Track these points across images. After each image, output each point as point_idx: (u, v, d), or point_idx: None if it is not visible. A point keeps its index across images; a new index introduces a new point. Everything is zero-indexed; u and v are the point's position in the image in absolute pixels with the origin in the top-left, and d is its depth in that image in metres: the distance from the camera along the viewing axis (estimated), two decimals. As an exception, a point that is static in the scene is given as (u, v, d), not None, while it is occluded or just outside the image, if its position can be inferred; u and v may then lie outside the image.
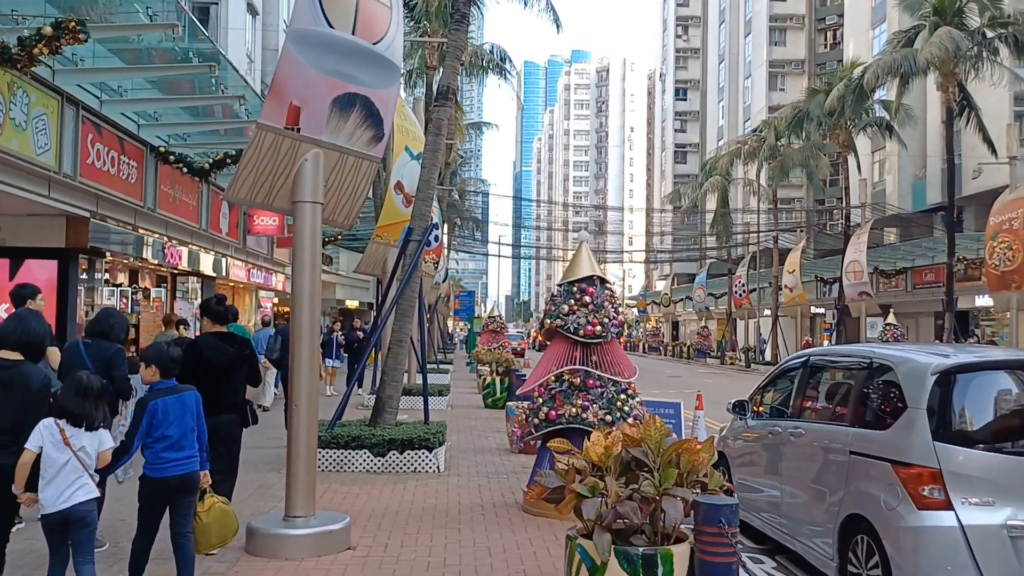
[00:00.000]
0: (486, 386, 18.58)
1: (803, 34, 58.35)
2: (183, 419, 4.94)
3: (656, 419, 4.28)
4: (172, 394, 4.97)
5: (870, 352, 5.98)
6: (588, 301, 7.75)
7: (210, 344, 6.31)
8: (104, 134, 12.16)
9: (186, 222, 16.16)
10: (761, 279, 45.15)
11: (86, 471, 4.52)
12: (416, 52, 32.17)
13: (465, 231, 55.03)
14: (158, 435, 4.83)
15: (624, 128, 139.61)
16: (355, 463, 9.71)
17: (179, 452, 4.90)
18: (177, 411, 4.93)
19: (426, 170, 10.91)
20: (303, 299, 6.38)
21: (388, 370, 10.62)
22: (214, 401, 6.09)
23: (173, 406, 4.92)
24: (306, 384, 6.32)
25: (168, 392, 4.98)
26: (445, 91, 10.92)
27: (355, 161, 6.64)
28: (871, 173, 40.66)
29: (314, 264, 6.42)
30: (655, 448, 4.14)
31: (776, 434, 6.87)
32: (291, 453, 6.25)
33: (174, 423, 4.89)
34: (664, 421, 8.57)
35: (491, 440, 12.83)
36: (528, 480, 8.01)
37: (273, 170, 6.26)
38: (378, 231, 14.33)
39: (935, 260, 33.58)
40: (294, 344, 6.34)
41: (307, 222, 6.39)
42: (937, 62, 24.20)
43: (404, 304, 10.72)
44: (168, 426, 4.86)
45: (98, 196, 12.43)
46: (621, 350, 8.02)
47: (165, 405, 4.89)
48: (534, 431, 7.76)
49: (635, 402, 7.79)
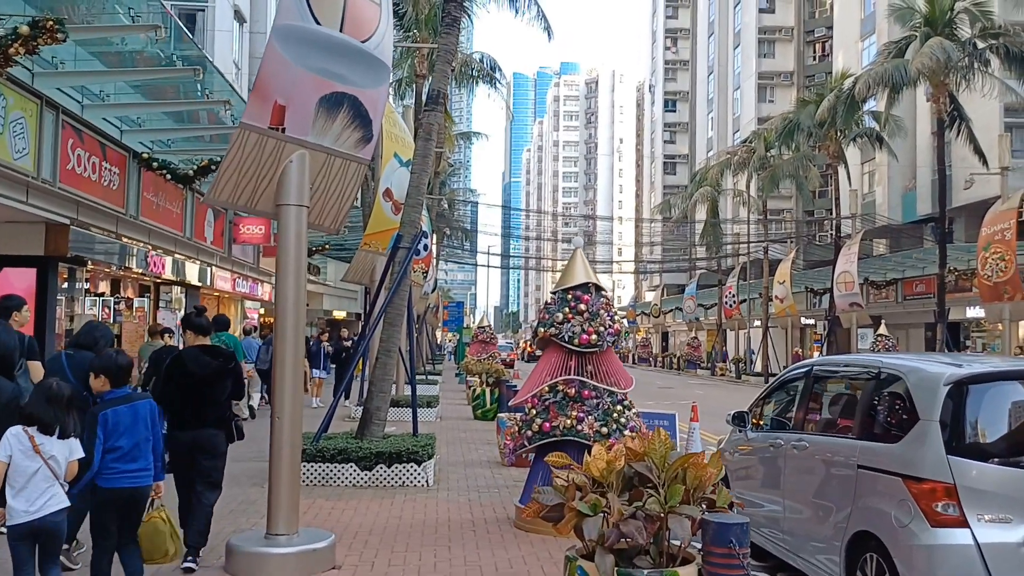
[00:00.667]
0: (476, 397, 18.30)
1: (792, 46, 58.52)
2: (135, 429, 4.77)
3: (661, 432, 4.03)
4: (124, 403, 4.80)
5: (877, 362, 5.76)
6: (583, 309, 7.51)
7: (193, 357, 6.15)
8: (85, 139, 11.89)
9: (170, 230, 15.87)
10: (751, 290, 45.06)
11: (57, 480, 4.39)
12: (406, 61, 31.97)
13: (454, 241, 54.80)
14: (109, 445, 4.66)
15: (613, 139, 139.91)
16: (341, 477, 9.42)
17: (131, 463, 4.73)
18: (129, 421, 4.76)
19: (416, 176, 10.67)
20: (287, 307, 6.11)
21: (376, 381, 10.34)
22: (197, 414, 6.03)
23: (125, 416, 4.75)
24: (290, 396, 6.05)
25: (120, 401, 4.80)
26: (435, 95, 10.69)
27: (342, 163, 6.39)
28: (861, 184, 40.67)
29: (299, 270, 6.16)
30: (660, 463, 3.89)
31: (778, 447, 6.63)
32: (273, 468, 5.97)
33: (125, 433, 4.72)
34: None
35: (481, 452, 12.55)
36: (522, 495, 7.75)
37: (257, 172, 6.00)
38: (366, 239, 14.06)
39: (925, 271, 33.53)
40: (277, 354, 6.08)
41: (292, 226, 6.13)
42: (928, 72, 24.17)
43: (392, 313, 10.45)
44: (119, 436, 4.70)
45: (79, 203, 12.13)
46: (617, 360, 7.78)
47: (116, 415, 4.72)
48: (527, 444, 7.50)
49: (631, 414, 7.54)
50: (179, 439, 6.00)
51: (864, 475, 5.40)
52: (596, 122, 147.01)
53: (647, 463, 3.94)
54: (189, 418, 6.00)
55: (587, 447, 7.23)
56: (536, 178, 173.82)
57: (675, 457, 3.93)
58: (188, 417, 6.00)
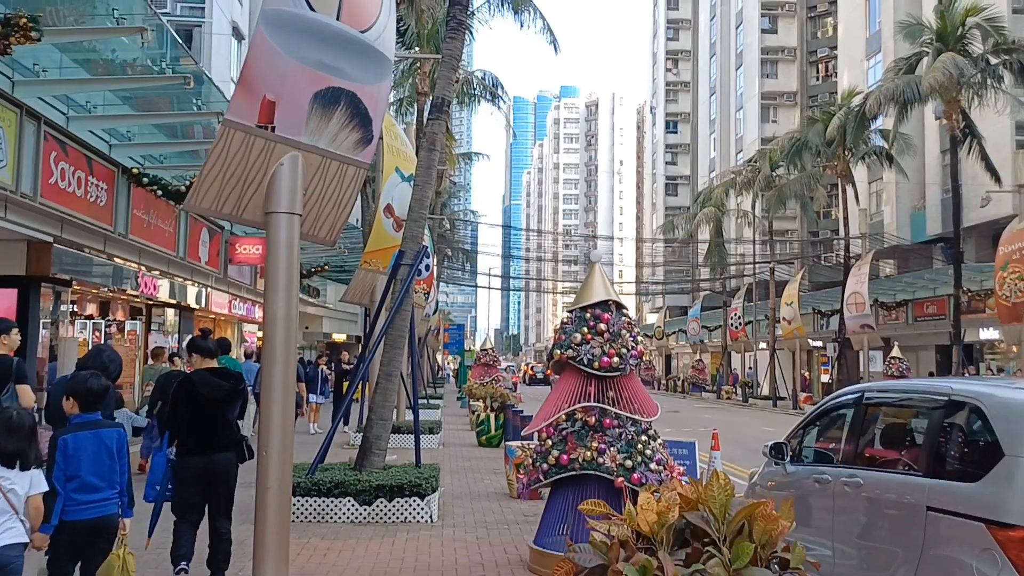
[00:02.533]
0: (480, 423, 17.57)
1: (795, 66, 58.22)
2: (96, 457, 4.55)
3: (720, 475, 3.34)
4: (88, 429, 4.59)
5: (946, 388, 5.07)
6: (603, 329, 6.84)
7: (204, 380, 6.09)
8: (70, 152, 11.27)
9: (162, 249, 15.22)
10: (757, 311, 44.38)
11: (15, 513, 4.11)
12: (407, 80, 31.56)
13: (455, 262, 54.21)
14: (69, 473, 4.47)
15: (613, 161, 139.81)
16: (338, 513, 8.70)
17: (91, 494, 4.51)
18: (90, 448, 4.54)
19: (419, 188, 10.03)
20: (277, 326, 5.43)
21: (376, 407, 9.65)
22: (210, 439, 5.99)
23: (86, 442, 4.54)
24: (278, 428, 5.35)
25: (84, 427, 4.60)
26: (440, 103, 10.07)
27: (339, 167, 5.73)
28: (869, 204, 40.11)
29: (290, 285, 5.49)
30: (720, 513, 3.21)
31: (824, 483, 5.93)
32: (259, 512, 5.25)
33: (84, 461, 4.51)
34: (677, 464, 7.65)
35: (488, 483, 11.82)
36: (536, 534, 7.03)
37: (243, 175, 5.34)
38: (366, 257, 13.41)
39: (937, 292, 32.87)
40: (265, 379, 5.38)
41: (282, 236, 5.46)
42: (941, 89, 23.65)
43: (394, 334, 9.77)
44: (78, 464, 4.49)
45: (63, 219, 11.50)
46: (640, 385, 7.09)
47: (76, 441, 4.52)
48: (543, 478, 6.79)
49: (658, 444, 6.84)
50: (192, 465, 5.93)
51: (935, 519, 4.71)
52: (596, 144, 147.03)
53: (703, 513, 3.25)
54: (203, 443, 5.95)
55: (609, 482, 6.58)
56: (536, 200, 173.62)
57: (738, 506, 3.25)
58: (202, 442, 5.95)
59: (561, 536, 6.87)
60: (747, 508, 3.21)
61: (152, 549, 6.49)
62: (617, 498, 6.69)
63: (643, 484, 6.50)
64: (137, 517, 5.49)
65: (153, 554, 6.51)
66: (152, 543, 6.15)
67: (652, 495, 3.32)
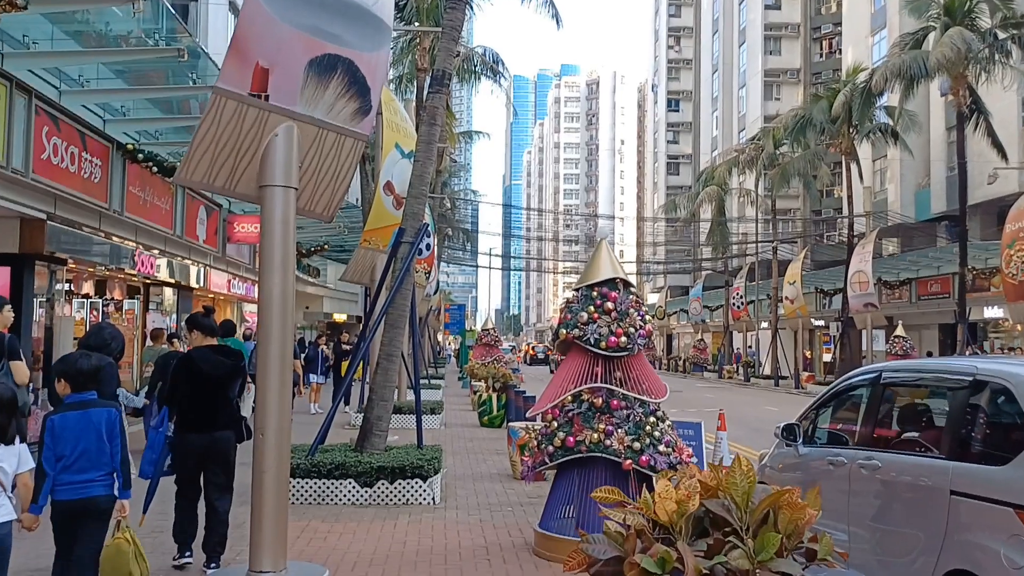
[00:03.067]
0: (482, 403, 17.41)
1: (798, 43, 57.61)
2: (84, 437, 4.48)
3: (742, 460, 3.15)
4: (77, 409, 4.53)
5: (971, 367, 4.87)
6: (611, 307, 6.63)
7: (205, 358, 6.07)
8: (62, 127, 10.99)
9: (158, 227, 14.96)
10: (759, 291, 44.17)
11: (3, 491, 4.07)
12: (407, 57, 31.15)
13: (455, 242, 53.93)
14: (58, 454, 4.43)
15: (614, 140, 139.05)
16: (339, 494, 8.54)
17: (78, 474, 4.44)
18: (77, 428, 4.48)
19: (419, 164, 9.78)
20: (273, 304, 5.23)
21: (376, 388, 9.46)
22: (211, 417, 5.98)
23: (73, 422, 4.48)
24: (275, 408, 5.16)
25: (73, 407, 4.54)
26: (440, 77, 9.80)
27: (336, 138, 5.51)
28: (873, 182, 39.77)
29: (286, 262, 5.28)
30: (742, 501, 3.01)
31: (839, 465, 5.74)
32: (256, 496, 5.08)
33: (71, 441, 4.44)
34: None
35: (491, 464, 11.66)
36: (542, 517, 6.86)
37: (236, 147, 5.12)
38: (366, 235, 13.17)
39: (941, 270, 32.65)
40: (261, 359, 5.19)
41: (278, 211, 5.25)
42: (948, 64, 23.29)
43: (395, 314, 9.56)
44: (64, 444, 4.44)
45: (56, 196, 11.24)
46: (648, 365, 6.89)
47: (63, 421, 4.47)
48: (548, 460, 6.61)
49: (666, 426, 6.65)
50: (191, 442, 5.92)
51: (960, 503, 4.52)
52: (597, 123, 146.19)
53: (723, 501, 3.06)
54: (203, 420, 5.93)
55: (617, 465, 6.39)
56: (537, 180, 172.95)
57: (761, 494, 3.05)
58: (202, 419, 5.93)
59: (567, 519, 6.71)
60: (772, 496, 3.01)
61: (149, 532, 6.33)
62: (625, 481, 6.52)
63: (652, 467, 6.33)
64: (136, 498, 5.43)
65: (150, 536, 6.35)
66: (148, 526, 6.08)
67: (670, 482, 3.12)
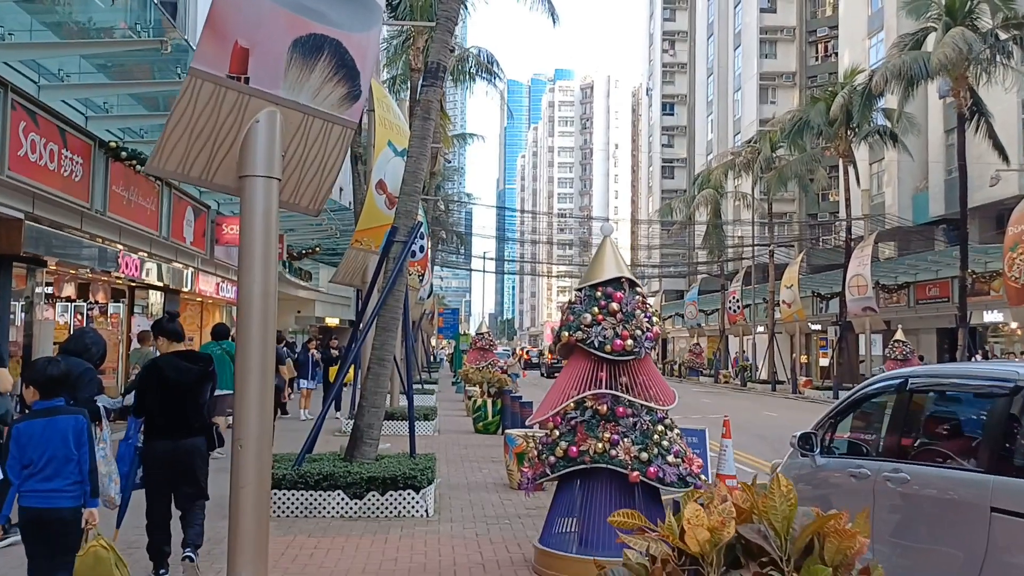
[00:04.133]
0: (476, 409, 17.00)
1: (794, 46, 57.40)
2: (49, 445, 4.38)
3: (781, 479, 2.76)
4: (44, 416, 4.44)
5: (1012, 373, 4.48)
6: (616, 308, 6.23)
7: (172, 364, 5.96)
8: (41, 123, 10.56)
9: (143, 228, 14.54)
10: (756, 295, 43.86)
11: None
12: (400, 58, 30.78)
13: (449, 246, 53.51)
14: (25, 461, 4.36)
15: (608, 145, 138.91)
16: (327, 507, 8.11)
17: (44, 482, 4.36)
18: (42, 435, 4.39)
19: (413, 160, 9.38)
20: (253, 304, 4.80)
21: (367, 394, 9.04)
22: (183, 424, 5.86)
23: (39, 430, 4.40)
24: (256, 417, 4.73)
25: (41, 414, 4.46)
26: (435, 69, 9.41)
27: (323, 126, 5.09)
28: (870, 185, 39.51)
29: (267, 258, 4.86)
30: (782, 528, 2.62)
31: (863, 478, 5.35)
32: (234, 513, 4.65)
33: (36, 448, 4.36)
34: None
35: (486, 473, 11.25)
36: (542, 533, 6.45)
37: (213, 134, 4.71)
38: (357, 235, 12.75)
39: (939, 274, 32.39)
40: (240, 365, 4.77)
41: (259, 204, 4.83)
42: (950, 65, 23.00)
43: (386, 316, 9.15)
44: (32, 451, 4.36)
45: (34, 194, 10.82)
46: (656, 370, 6.50)
47: (30, 428, 4.40)
48: (549, 471, 6.20)
49: (675, 435, 6.26)
50: (159, 449, 5.81)
51: (1002, 521, 4.14)
52: (591, 127, 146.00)
53: (759, 526, 2.66)
54: (172, 427, 5.82)
55: (622, 477, 6.00)
56: (531, 184, 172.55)
57: (804, 518, 2.66)
58: (170, 426, 5.83)
59: (569, 534, 6.31)
60: (817, 522, 2.62)
61: (125, 547, 5.96)
62: (630, 494, 6.13)
63: (660, 479, 5.94)
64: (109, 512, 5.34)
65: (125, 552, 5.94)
66: (123, 540, 5.78)
67: (697, 503, 2.72)
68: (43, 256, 11.60)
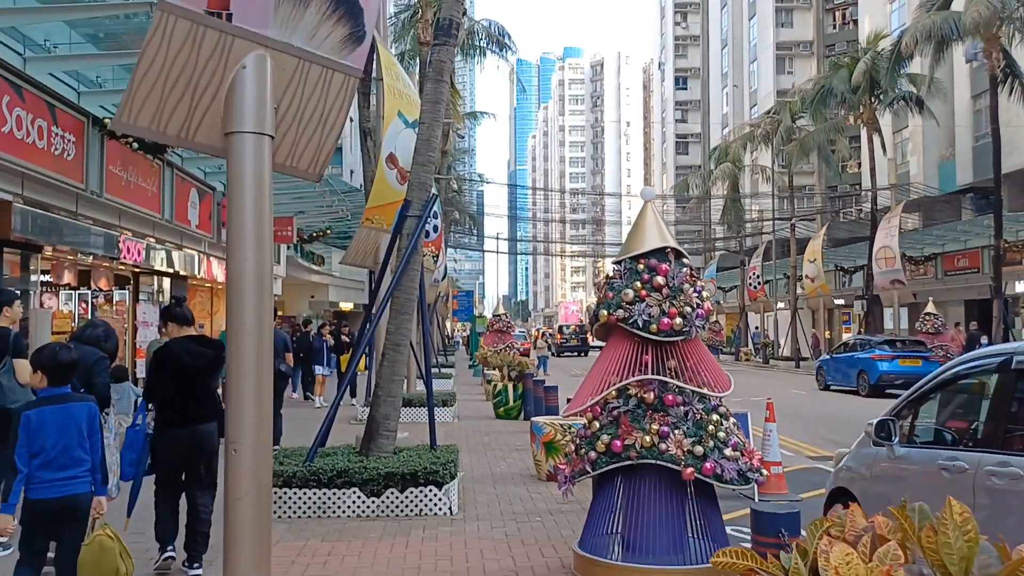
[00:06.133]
0: (497, 393, 16.30)
1: (811, 14, 55.96)
2: (64, 433, 4.28)
3: (954, 504, 2.02)
4: (55, 403, 4.33)
5: None
6: (661, 283, 5.47)
7: (186, 348, 5.81)
8: (27, 98, 9.88)
9: (145, 211, 13.88)
10: (776, 270, 42.90)
11: None
12: (408, 32, 29.94)
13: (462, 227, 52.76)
14: (35, 450, 4.22)
15: (620, 122, 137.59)
16: (342, 506, 7.43)
17: (59, 471, 4.25)
18: (56, 423, 4.27)
19: (425, 127, 8.62)
20: (245, 286, 4.10)
21: (383, 383, 8.34)
22: (197, 410, 5.74)
23: (52, 417, 4.27)
24: (252, 418, 4.04)
25: (51, 401, 4.33)
26: (447, 26, 8.63)
27: (322, 73, 4.35)
28: (894, 154, 38.38)
29: (261, 232, 4.15)
30: (959, 572, 1.88)
31: (958, 471, 4.61)
32: (230, 529, 3.97)
33: (51, 436, 4.25)
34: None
35: (512, 462, 10.55)
36: (582, 536, 5.73)
37: (191, 83, 3.98)
38: (368, 214, 12.00)
39: (968, 244, 31.37)
40: (232, 354, 4.07)
41: (248, 165, 4.11)
42: (983, 23, 21.95)
43: (401, 297, 8.43)
44: (44, 439, 4.24)
45: (23, 175, 10.16)
46: (707, 352, 5.75)
47: (41, 416, 4.27)
48: (590, 469, 5.47)
49: (731, 424, 5.52)
50: (176, 436, 5.68)
51: None
52: (602, 105, 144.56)
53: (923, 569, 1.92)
54: (187, 414, 5.70)
55: (673, 474, 5.27)
56: (542, 164, 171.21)
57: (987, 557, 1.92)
58: (186, 412, 5.70)
59: (611, 536, 5.60)
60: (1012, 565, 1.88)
61: (132, 534, 5.47)
62: (682, 492, 5.41)
63: (718, 475, 5.20)
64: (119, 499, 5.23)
65: (132, 538, 5.38)
66: (132, 526, 5.52)
67: (833, 535, 1.99)
68: (36, 241, 10.94)
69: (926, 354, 21.44)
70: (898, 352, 21.72)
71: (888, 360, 21.23)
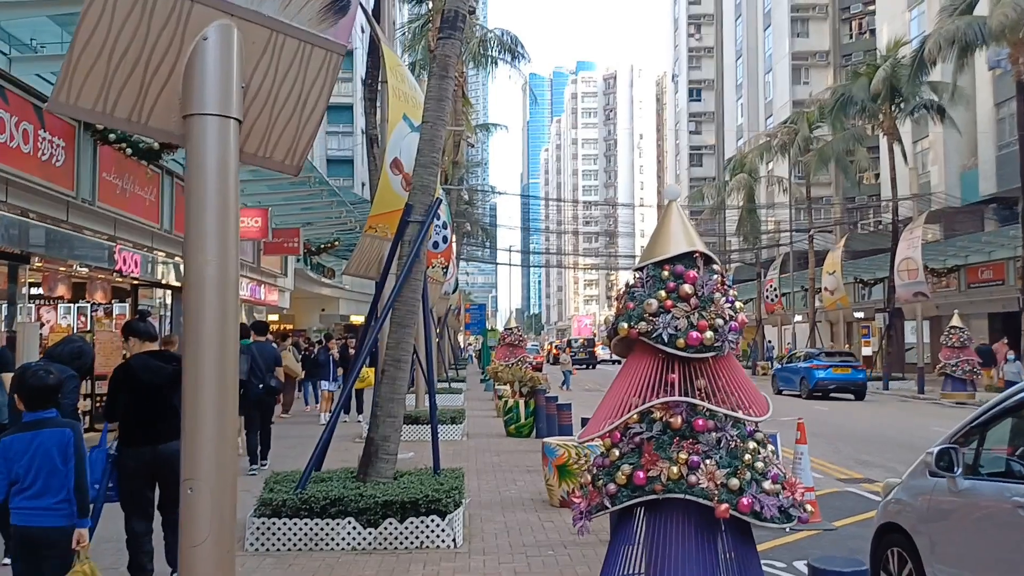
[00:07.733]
0: (508, 410, 15.64)
1: (827, 24, 55.33)
2: (34, 461, 4.18)
3: None
4: (28, 430, 4.21)
5: None
6: (689, 292, 4.83)
7: (145, 365, 5.63)
8: (11, 100, 9.37)
9: (142, 221, 13.37)
10: (794, 283, 42.11)
11: None
12: (419, 42, 29.56)
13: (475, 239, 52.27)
14: (12, 477, 4.16)
15: (633, 135, 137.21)
16: (336, 538, 6.80)
17: (36, 500, 4.17)
18: (27, 450, 4.16)
19: (429, 126, 8.03)
20: (205, 294, 3.48)
21: (382, 402, 7.71)
22: (163, 428, 5.49)
23: (21, 445, 4.17)
24: (211, 450, 3.41)
25: (25, 427, 4.23)
26: (453, 18, 8.06)
27: (298, 48, 3.75)
28: (914, 164, 37.62)
29: (225, 231, 3.53)
30: None
31: (1038, 511, 3.95)
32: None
33: (24, 464, 4.16)
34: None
35: (523, 486, 9.89)
36: (602, 571, 5.08)
37: (142, 56, 3.39)
38: (371, 221, 11.41)
39: (993, 256, 30.55)
40: (187, 374, 3.45)
41: (211, 153, 3.50)
42: (1009, 27, 21.27)
43: (402, 309, 7.82)
44: (19, 467, 4.15)
45: (7, 181, 9.64)
46: (741, 369, 5.08)
47: (11, 443, 4.18)
48: (609, 504, 4.82)
49: (770, 453, 4.86)
50: (138, 457, 5.46)
51: None
52: (615, 118, 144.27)
53: None
54: (150, 432, 5.48)
55: (705, 509, 4.62)
56: (555, 177, 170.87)
57: None
58: (149, 431, 5.49)
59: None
60: None
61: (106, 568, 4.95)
62: (714, 530, 4.75)
63: (757, 513, 4.54)
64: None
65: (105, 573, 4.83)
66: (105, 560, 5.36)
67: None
68: (22, 251, 10.41)
69: (855, 363, 25.88)
70: (833, 362, 25.54)
71: (824, 369, 25.07)
